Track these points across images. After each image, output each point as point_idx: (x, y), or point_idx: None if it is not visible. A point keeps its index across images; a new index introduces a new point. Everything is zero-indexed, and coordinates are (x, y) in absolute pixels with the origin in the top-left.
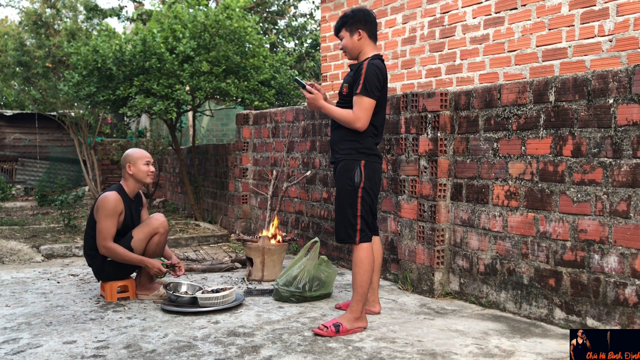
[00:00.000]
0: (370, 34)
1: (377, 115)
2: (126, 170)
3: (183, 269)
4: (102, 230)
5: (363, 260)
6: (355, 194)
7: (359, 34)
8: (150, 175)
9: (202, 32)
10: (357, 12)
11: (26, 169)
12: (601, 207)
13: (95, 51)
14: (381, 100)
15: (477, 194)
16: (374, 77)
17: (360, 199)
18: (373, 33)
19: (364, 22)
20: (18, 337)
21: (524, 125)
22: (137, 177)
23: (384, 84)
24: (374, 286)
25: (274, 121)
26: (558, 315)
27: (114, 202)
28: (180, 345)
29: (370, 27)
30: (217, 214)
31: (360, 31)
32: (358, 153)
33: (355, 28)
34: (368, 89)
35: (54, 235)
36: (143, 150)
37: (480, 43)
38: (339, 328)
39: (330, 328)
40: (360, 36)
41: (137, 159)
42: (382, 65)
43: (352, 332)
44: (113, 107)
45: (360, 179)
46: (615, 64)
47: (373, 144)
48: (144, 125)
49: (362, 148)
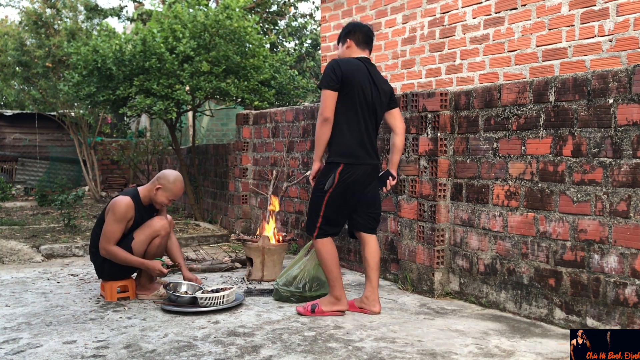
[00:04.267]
0: (357, 42)
1: (354, 113)
2: (154, 185)
3: (200, 281)
4: (107, 232)
5: (321, 252)
6: (322, 196)
7: (348, 43)
8: (163, 207)
9: (202, 32)
10: (347, 26)
11: (26, 169)
12: (601, 207)
13: (95, 51)
14: (353, 97)
15: (477, 194)
16: (329, 70)
17: (326, 201)
18: (362, 41)
19: (352, 32)
20: (18, 337)
21: (524, 125)
22: (154, 199)
23: (350, 79)
24: (373, 285)
25: (274, 121)
26: (558, 315)
27: (125, 208)
28: (180, 345)
29: (358, 36)
30: (217, 214)
31: (348, 40)
32: (336, 155)
33: (344, 38)
34: (323, 80)
35: (54, 235)
36: (182, 188)
37: (480, 43)
38: (315, 308)
39: (306, 307)
40: (348, 44)
41: (169, 190)
42: (351, 62)
43: (330, 314)
44: (113, 107)
45: (332, 184)
46: (615, 64)
47: (355, 146)
48: (144, 125)
49: (339, 151)
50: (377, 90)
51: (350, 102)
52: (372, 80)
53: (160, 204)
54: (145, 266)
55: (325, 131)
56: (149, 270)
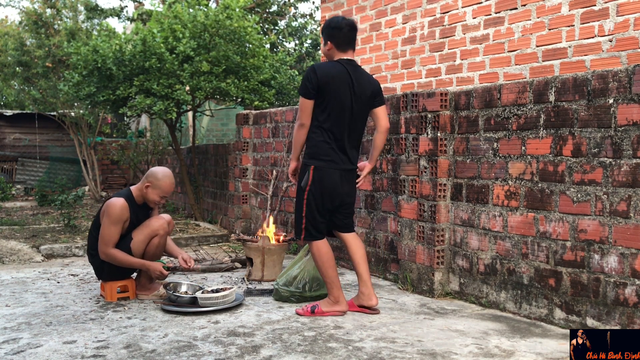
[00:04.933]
0: (337, 45)
1: (330, 118)
2: (144, 184)
3: (192, 261)
4: (104, 236)
5: (315, 254)
6: (302, 196)
7: (329, 45)
8: (157, 205)
9: (202, 32)
10: (329, 23)
11: (26, 169)
12: (601, 207)
13: (95, 51)
14: (330, 102)
15: (477, 194)
16: (305, 78)
17: (305, 201)
18: (342, 43)
19: (331, 35)
20: (18, 337)
21: (524, 125)
22: (146, 197)
23: (326, 86)
24: (363, 279)
25: (274, 121)
26: (558, 315)
27: (120, 210)
28: (180, 345)
29: (338, 38)
30: (217, 214)
31: (329, 42)
32: (309, 158)
33: (325, 39)
34: (300, 87)
35: (54, 235)
36: (172, 184)
37: (480, 43)
38: (315, 309)
39: (306, 309)
40: (329, 47)
41: (159, 187)
42: (329, 68)
43: (329, 314)
44: (113, 107)
45: (306, 182)
46: (615, 64)
47: (329, 150)
48: (144, 125)
49: (313, 154)
50: (358, 93)
51: (327, 108)
52: (352, 84)
53: (153, 202)
54: (146, 267)
55: (302, 135)
56: (150, 271)
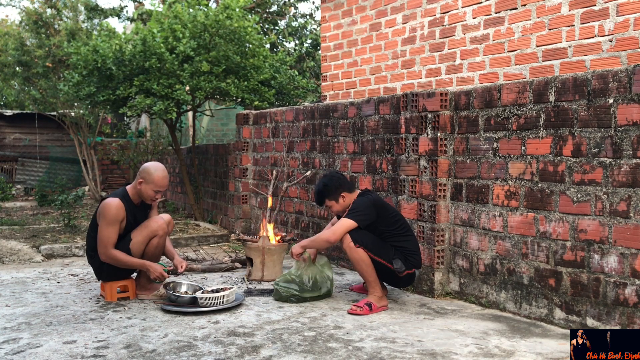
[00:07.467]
0: (349, 190)
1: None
2: (137, 181)
3: (185, 265)
4: (102, 238)
5: (358, 259)
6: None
7: (343, 197)
8: (154, 201)
9: (202, 32)
10: (330, 182)
11: (26, 169)
12: (601, 207)
13: (95, 51)
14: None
15: (477, 194)
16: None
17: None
18: (349, 186)
19: (340, 187)
20: (18, 337)
21: (524, 125)
22: (142, 194)
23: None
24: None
25: (274, 121)
26: (558, 315)
27: (115, 209)
28: (180, 345)
29: (345, 186)
30: (217, 214)
31: (343, 194)
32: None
33: (337, 195)
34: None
35: (54, 235)
36: (164, 177)
37: (480, 43)
38: (372, 306)
39: (364, 307)
40: (344, 198)
41: (152, 182)
42: (374, 196)
43: (380, 309)
44: (113, 107)
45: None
46: (615, 64)
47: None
48: (144, 125)
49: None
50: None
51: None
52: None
53: (149, 198)
54: (146, 267)
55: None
56: (150, 272)
